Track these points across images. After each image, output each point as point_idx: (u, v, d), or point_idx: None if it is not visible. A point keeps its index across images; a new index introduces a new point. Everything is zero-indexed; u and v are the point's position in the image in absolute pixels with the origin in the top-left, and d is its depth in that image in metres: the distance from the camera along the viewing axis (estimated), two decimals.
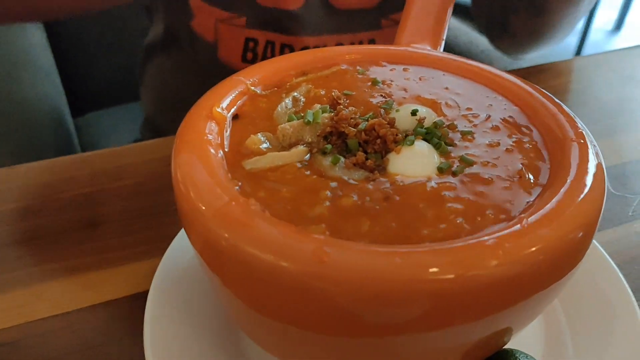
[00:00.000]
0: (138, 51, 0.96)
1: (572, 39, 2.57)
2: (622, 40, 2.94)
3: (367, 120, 0.36)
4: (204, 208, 0.30)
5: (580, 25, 2.47)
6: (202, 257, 0.32)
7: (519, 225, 0.28)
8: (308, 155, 0.35)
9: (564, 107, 0.38)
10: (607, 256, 0.44)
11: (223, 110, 0.37)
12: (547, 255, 0.28)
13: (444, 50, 0.49)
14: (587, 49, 2.51)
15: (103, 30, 1.26)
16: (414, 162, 0.34)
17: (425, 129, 0.36)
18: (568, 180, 0.31)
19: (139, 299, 0.42)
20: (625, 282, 0.41)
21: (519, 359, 0.34)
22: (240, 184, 0.32)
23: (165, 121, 0.88)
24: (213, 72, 0.73)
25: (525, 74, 0.78)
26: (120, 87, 1.26)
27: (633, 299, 0.40)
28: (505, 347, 0.35)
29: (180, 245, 0.44)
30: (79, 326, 0.42)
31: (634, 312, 0.40)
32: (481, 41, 1.29)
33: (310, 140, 0.36)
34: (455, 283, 0.26)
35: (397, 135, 0.35)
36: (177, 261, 0.43)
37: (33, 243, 0.49)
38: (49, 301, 0.44)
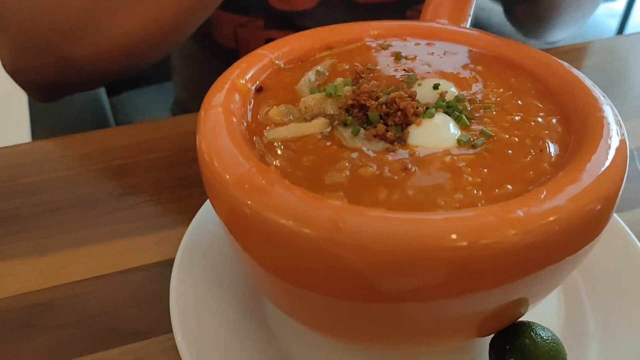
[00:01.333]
0: None
1: (613, 21, 2.49)
2: None
3: (389, 94, 0.36)
4: (226, 175, 0.31)
5: (622, 6, 2.39)
6: (224, 223, 0.33)
7: (536, 196, 0.28)
8: (329, 127, 0.36)
9: (590, 83, 0.37)
10: (633, 236, 0.43)
11: (247, 82, 0.38)
12: (563, 226, 0.28)
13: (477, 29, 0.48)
14: (630, 30, 2.43)
15: None
16: (434, 135, 0.34)
17: (446, 102, 0.36)
18: (588, 154, 0.31)
19: (167, 266, 0.44)
20: None
21: (535, 330, 0.35)
22: (262, 153, 0.33)
23: (195, 105, 0.90)
24: None
25: (561, 53, 0.76)
26: (154, 67, 1.28)
27: None
28: (522, 319, 0.35)
29: (206, 214, 0.46)
30: (109, 289, 0.44)
31: None
32: (503, 18, 1.26)
33: (332, 112, 0.37)
34: (470, 251, 0.27)
35: (417, 108, 0.35)
36: (202, 229, 0.45)
37: (69, 211, 0.51)
38: (82, 265, 0.46)
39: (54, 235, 0.49)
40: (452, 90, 0.38)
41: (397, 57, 0.42)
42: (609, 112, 0.35)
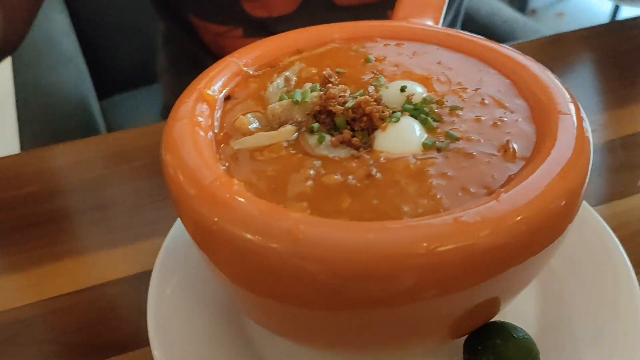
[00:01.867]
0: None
1: (607, 5, 2.48)
2: None
3: (356, 98, 0.36)
4: (190, 190, 0.31)
5: None
6: (191, 235, 0.33)
7: (493, 201, 0.28)
8: (296, 134, 0.36)
9: (556, 79, 0.37)
10: (608, 228, 0.43)
11: (214, 92, 0.38)
12: (528, 225, 0.28)
13: (465, 20, 0.48)
14: (624, 14, 2.42)
15: (126, 12, 1.28)
16: (399, 139, 0.34)
17: (413, 105, 0.36)
18: (550, 152, 0.31)
19: (146, 277, 0.43)
20: (625, 256, 0.41)
21: (507, 329, 0.35)
22: (227, 164, 0.33)
23: None
24: None
25: (543, 43, 0.76)
26: (145, 69, 1.28)
27: (632, 273, 0.40)
28: (498, 318, 0.36)
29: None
30: (89, 303, 0.44)
31: (633, 286, 0.39)
32: (504, 11, 1.26)
33: (300, 119, 0.37)
34: (429, 257, 0.27)
35: (383, 112, 0.35)
36: (180, 239, 0.45)
37: (48, 225, 0.52)
38: (61, 279, 0.46)
39: (31, 250, 0.49)
40: (419, 92, 0.37)
41: (367, 59, 0.42)
42: (572, 109, 0.34)
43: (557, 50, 0.73)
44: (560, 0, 2.84)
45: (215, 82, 0.39)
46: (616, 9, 2.43)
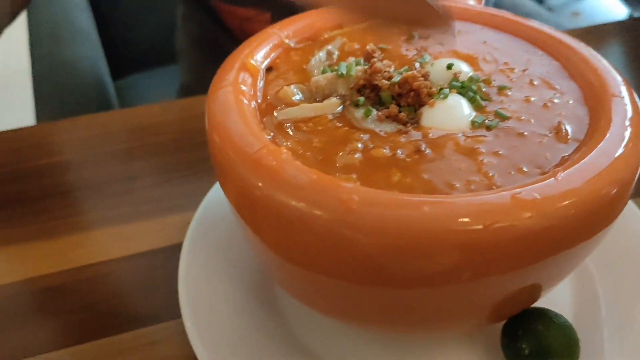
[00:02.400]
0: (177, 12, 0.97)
1: (623, 9, 2.46)
2: None
3: (402, 74, 0.35)
4: (236, 156, 0.31)
5: None
6: (234, 205, 0.32)
7: (551, 179, 0.28)
8: (340, 107, 0.35)
9: (606, 63, 0.36)
10: None
11: (257, 62, 0.37)
12: (578, 210, 0.27)
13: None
14: None
15: None
16: (447, 116, 0.33)
17: (460, 83, 0.35)
18: (605, 136, 0.31)
19: (174, 251, 0.43)
20: None
21: (549, 316, 0.34)
22: (272, 133, 0.33)
23: (201, 89, 0.89)
24: None
25: (579, 34, 0.75)
26: (160, 49, 1.27)
27: None
28: (535, 305, 0.35)
29: (214, 198, 0.45)
30: (118, 274, 0.44)
31: None
32: (527, 3, 1.24)
33: (343, 93, 0.36)
34: (484, 234, 0.26)
35: (430, 88, 0.34)
36: (210, 213, 0.44)
37: (76, 194, 0.51)
38: (90, 249, 0.46)
39: (60, 218, 0.48)
40: (465, 70, 0.37)
41: (410, 36, 0.41)
42: (625, 92, 0.34)
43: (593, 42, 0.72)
44: (576, 0, 2.82)
45: (257, 52, 0.38)
46: (631, 13, 2.40)
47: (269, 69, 0.38)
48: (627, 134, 0.31)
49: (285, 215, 0.28)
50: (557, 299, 0.39)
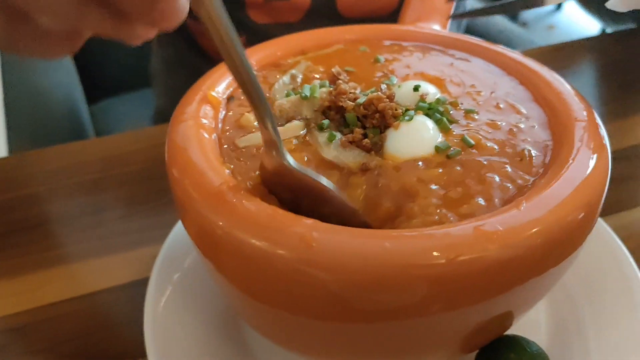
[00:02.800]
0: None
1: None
2: None
3: (367, 95, 0.35)
4: (195, 193, 0.30)
5: None
6: (195, 241, 0.31)
7: (514, 209, 0.27)
8: (304, 130, 0.34)
9: (570, 86, 0.36)
10: (619, 240, 0.42)
11: (218, 93, 0.37)
12: (545, 238, 0.27)
13: (463, 31, 0.47)
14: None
15: None
16: (413, 139, 0.33)
17: (427, 104, 0.35)
18: (568, 161, 0.30)
19: (141, 285, 0.42)
20: (636, 268, 0.40)
21: (521, 344, 0.33)
22: (232, 166, 0.32)
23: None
24: None
25: (544, 52, 0.76)
26: (135, 73, 1.26)
27: None
28: (508, 333, 0.34)
29: (182, 230, 0.44)
30: (83, 312, 0.43)
31: None
32: (499, 21, 1.26)
33: (308, 116, 0.35)
34: (449, 267, 0.26)
35: (396, 110, 0.34)
36: (177, 246, 0.43)
37: (43, 229, 0.50)
38: (55, 286, 0.44)
39: (26, 254, 0.47)
40: (432, 92, 0.36)
41: (376, 59, 0.41)
42: (590, 115, 0.34)
43: (557, 60, 0.73)
44: (550, 13, 2.86)
45: (219, 84, 0.38)
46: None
47: (230, 98, 0.37)
48: (590, 158, 0.31)
49: (246, 253, 0.28)
50: (531, 323, 0.38)
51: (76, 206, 0.52)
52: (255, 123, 0.35)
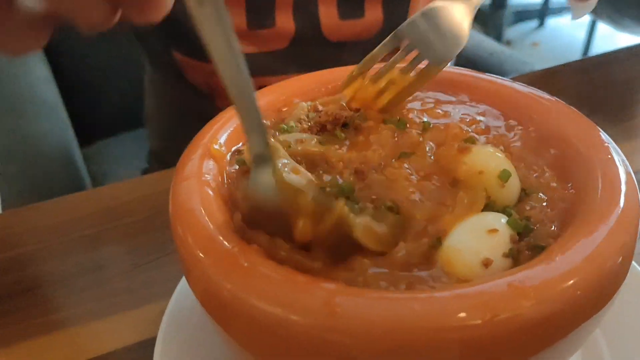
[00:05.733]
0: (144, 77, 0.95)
1: (581, 32, 2.53)
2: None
3: None
4: (203, 256, 0.28)
5: (587, 19, 2.43)
6: (205, 308, 0.29)
7: (548, 259, 0.26)
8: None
9: (581, 115, 0.35)
10: None
11: (221, 146, 0.35)
12: (583, 288, 0.25)
13: None
14: (597, 41, 2.46)
15: (107, 57, 1.25)
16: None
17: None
18: (596, 201, 0.29)
19: (149, 346, 0.40)
20: None
21: None
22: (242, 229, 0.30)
23: (170, 155, 0.88)
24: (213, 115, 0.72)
25: (537, 77, 0.75)
26: (128, 114, 1.25)
27: None
28: None
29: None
30: None
31: None
32: (488, 44, 1.26)
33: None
34: (484, 329, 0.24)
35: None
36: (185, 302, 0.41)
37: (40, 291, 0.48)
38: (55, 353, 0.42)
39: (21, 321, 0.45)
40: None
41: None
42: (609, 147, 0.32)
43: (553, 84, 0.72)
44: (534, 30, 2.89)
45: (221, 136, 0.36)
46: (589, 38, 2.47)
47: (239, 152, 0.36)
48: (620, 195, 0.29)
49: (260, 321, 0.26)
50: None
51: (74, 264, 0.50)
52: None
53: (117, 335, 0.43)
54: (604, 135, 0.33)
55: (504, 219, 0.29)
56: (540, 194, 0.32)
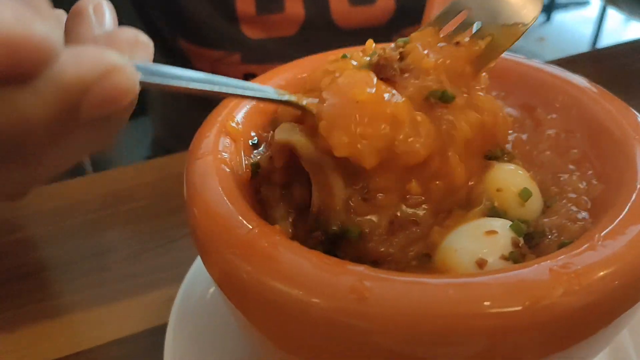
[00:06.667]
0: None
1: (588, 27, 2.51)
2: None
3: None
4: (221, 237, 0.27)
5: (595, 12, 2.42)
6: (224, 292, 0.28)
7: (590, 244, 0.24)
8: None
9: (620, 101, 0.33)
10: None
11: (238, 124, 0.33)
12: (624, 278, 0.24)
13: None
14: (604, 37, 2.45)
15: None
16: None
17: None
18: (637, 187, 0.27)
19: (157, 334, 0.38)
20: None
21: None
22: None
23: (174, 142, 0.86)
24: (218, 103, 0.71)
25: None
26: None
27: None
28: None
29: (201, 270, 0.41)
30: None
31: None
32: None
33: None
34: (522, 317, 0.22)
35: None
36: (197, 289, 0.40)
37: (41, 276, 0.46)
38: (58, 340, 0.41)
39: (23, 305, 0.43)
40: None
41: None
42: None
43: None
44: (540, 25, 2.87)
45: (237, 112, 0.34)
46: (597, 33, 2.45)
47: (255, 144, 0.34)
48: None
49: (282, 305, 0.24)
50: None
51: (77, 249, 0.48)
52: None
53: (121, 323, 0.42)
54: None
55: (508, 223, 0.28)
56: (565, 201, 0.30)
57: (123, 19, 0.26)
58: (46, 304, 0.43)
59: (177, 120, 0.89)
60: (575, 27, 2.76)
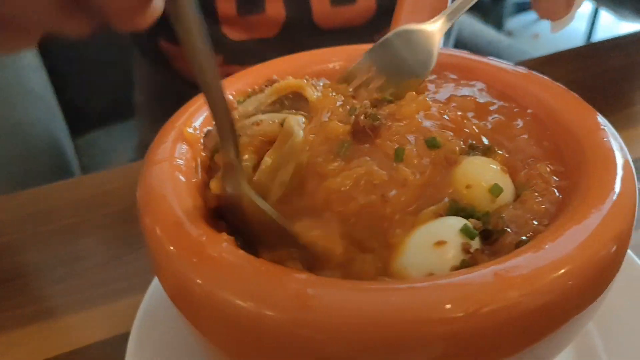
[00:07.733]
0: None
1: (582, 24, 2.51)
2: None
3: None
4: (171, 247, 0.26)
5: (589, 9, 2.41)
6: (172, 299, 0.27)
7: (538, 247, 0.24)
8: None
9: (580, 99, 0.33)
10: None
11: (195, 129, 0.33)
12: (575, 279, 0.23)
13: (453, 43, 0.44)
14: (599, 33, 2.44)
15: (98, 47, 1.23)
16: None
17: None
18: (592, 186, 0.27)
19: (122, 341, 0.38)
20: None
21: None
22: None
23: None
24: None
25: (537, 64, 0.73)
26: (120, 105, 1.23)
27: None
28: None
29: None
30: None
31: None
32: (486, 33, 1.24)
33: None
34: (468, 322, 0.22)
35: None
36: (161, 298, 0.39)
37: (12, 284, 0.46)
38: (27, 347, 0.40)
39: None
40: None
41: None
42: (606, 131, 0.30)
43: (552, 71, 0.70)
44: (535, 22, 2.86)
45: (196, 118, 0.34)
46: (591, 30, 2.45)
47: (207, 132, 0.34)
48: (616, 181, 0.27)
49: (230, 315, 0.24)
50: None
51: (50, 256, 0.48)
52: None
53: (93, 329, 0.41)
54: (600, 119, 0.31)
55: (459, 225, 0.27)
56: (533, 190, 0.30)
57: None
58: (19, 311, 0.43)
59: (161, 123, 0.88)
60: (570, 25, 2.76)
